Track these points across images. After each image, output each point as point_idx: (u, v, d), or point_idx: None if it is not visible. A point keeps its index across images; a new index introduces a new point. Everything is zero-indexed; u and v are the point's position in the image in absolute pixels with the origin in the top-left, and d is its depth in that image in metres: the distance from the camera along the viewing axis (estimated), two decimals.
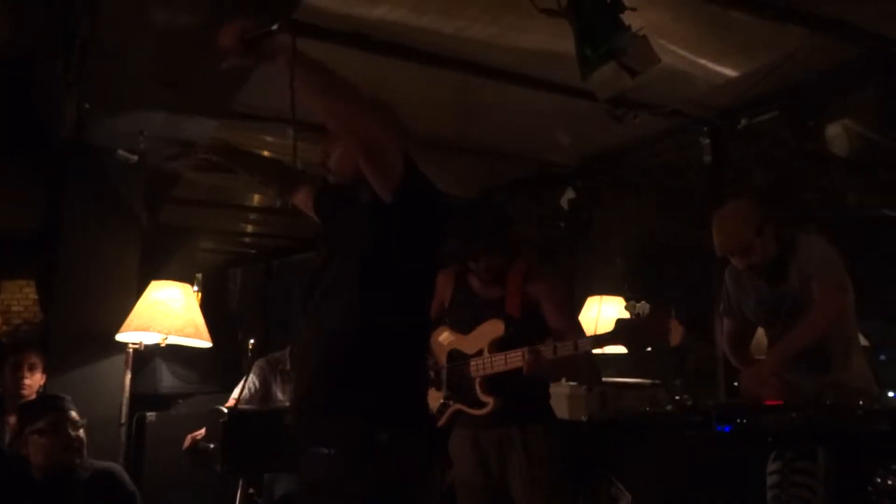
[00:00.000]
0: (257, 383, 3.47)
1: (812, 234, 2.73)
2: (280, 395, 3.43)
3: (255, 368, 3.55)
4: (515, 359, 2.50)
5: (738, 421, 2.52)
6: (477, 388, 2.60)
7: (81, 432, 2.71)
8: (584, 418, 3.08)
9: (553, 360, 2.42)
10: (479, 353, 2.62)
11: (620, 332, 2.34)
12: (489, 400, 2.58)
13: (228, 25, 1.67)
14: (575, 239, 4.58)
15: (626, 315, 2.38)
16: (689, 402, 2.87)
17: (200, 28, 2.70)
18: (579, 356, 2.44)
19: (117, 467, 2.89)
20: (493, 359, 2.57)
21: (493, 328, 2.62)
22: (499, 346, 2.59)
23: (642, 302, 2.33)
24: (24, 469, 2.63)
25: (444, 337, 2.76)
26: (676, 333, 2.29)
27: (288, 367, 3.51)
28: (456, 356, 2.69)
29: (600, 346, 2.41)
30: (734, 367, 2.99)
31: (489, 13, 2.97)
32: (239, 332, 6.47)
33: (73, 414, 2.71)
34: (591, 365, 2.69)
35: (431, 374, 2.69)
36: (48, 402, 2.78)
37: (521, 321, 2.60)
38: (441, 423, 2.64)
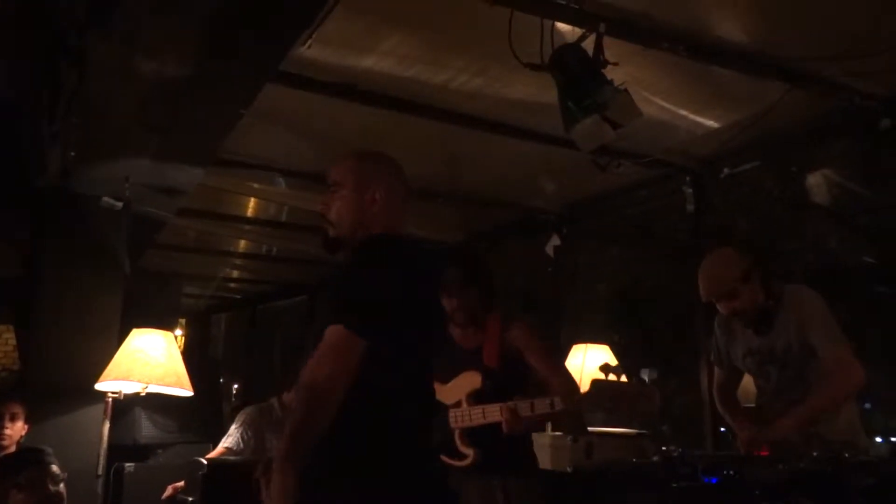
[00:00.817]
0: (250, 433, 3.41)
1: (797, 284, 2.75)
2: (276, 444, 3.38)
3: (243, 417, 3.49)
4: (493, 413, 2.50)
5: (725, 473, 2.50)
6: (457, 439, 2.58)
7: (62, 487, 2.65)
8: (568, 469, 3.04)
9: (531, 416, 2.41)
10: (458, 404, 2.61)
11: (594, 395, 2.32)
12: (469, 452, 2.56)
13: None
14: (560, 285, 4.59)
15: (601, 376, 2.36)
16: (676, 453, 2.84)
17: (187, 77, 2.73)
18: (558, 411, 2.42)
19: None
20: (472, 411, 2.56)
21: (470, 380, 2.61)
22: (476, 398, 2.58)
23: (616, 365, 2.31)
24: None
25: None
26: (655, 402, 2.27)
27: (280, 415, 3.48)
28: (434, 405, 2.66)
29: (575, 406, 2.40)
30: (722, 415, 2.98)
31: (475, 66, 3.03)
32: (222, 377, 6.39)
33: (54, 468, 2.65)
34: (575, 415, 2.68)
35: None
36: (28, 456, 2.72)
37: (498, 372, 2.60)
38: None
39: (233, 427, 3.45)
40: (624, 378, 2.29)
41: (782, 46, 2.84)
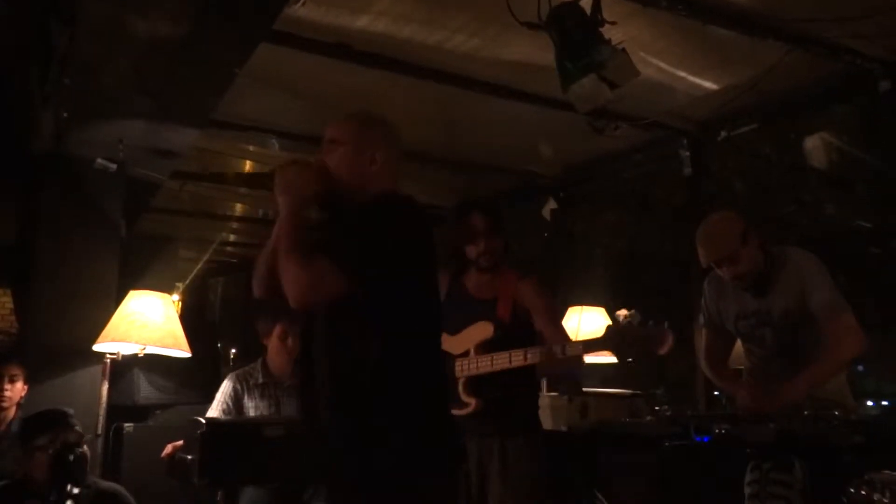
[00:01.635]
0: (230, 403, 3.42)
1: (796, 248, 2.75)
2: (252, 412, 3.40)
3: (226, 384, 3.50)
4: (502, 361, 2.51)
5: (717, 431, 2.54)
6: (460, 387, 2.60)
7: (85, 448, 2.68)
8: (564, 428, 3.08)
9: (560, 360, 2.42)
10: (465, 354, 2.62)
11: (610, 338, 2.35)
12: (471, 401, 2.57)
13: None
14: (557, 249, 4.60)
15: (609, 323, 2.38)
16: (668, 413, 2.88)
17: (180, 37, 2.70)
18: (568, 359, 2.44)
19: (120, 488, 2.86)
20: (479, 360, 2.57)
21: (481, 330, 2.62)
22: (485, 348, 2.59)
23: (632, 311, 2.33)
24: (22, 489, 2.62)
25: None
26: (665, 341, 2.29)
27: (260, 380, 3.49)
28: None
29: (589, 351, 2.41)
30: (710, 377, 3.00)
31: (471, 25, 3.00)
32: (219, 341, 6.44)
33: (77, 429, 2.69)
34: (571, 375, 2.70)
35: None
36: (50, 417, 2.74)
37: (509, 326, 2.61)
38: None
39: (217, 396, 3.47)
40: (637, 318, 2.29)
41: (783, 7, 2.81)
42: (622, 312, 2.28)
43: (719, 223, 2.70)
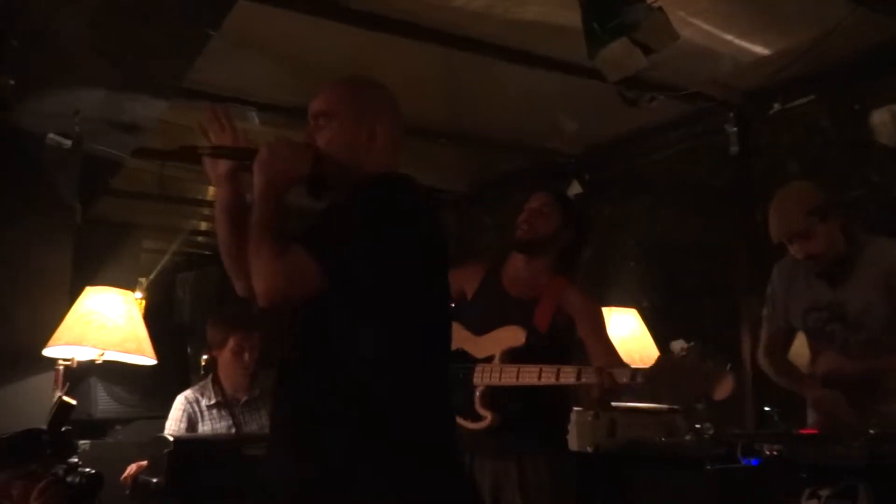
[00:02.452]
0: (183, 426, 3.46)
1: (883, 237, 2.74)
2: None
3: (177, 406, 3.51)
4: (529, 376, 2.49)
5: (768, 453, 2.53)
6: (476, 397, 2.59)
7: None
8: (589, 449, 3.08)
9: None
10: (489, 359, 2.61)
11: (661, 374, 2.32)
12: (487, 414, 2.57)
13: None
14: (588, 228, 4.59)
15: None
16: (711, 431, 2.88)
17: None
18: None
19: None
20: (504, 369, 2.55)
21: (511, 335, 2.61)
22: (513, 356, 2.58)
23: (691, 344, 2.32)
24: None
25: (453, 334, 2.74)
26: (725, 387, 2.27)
27: (213, 399, 3.50)
28: (460, 358, 2.68)
29: (634, 382, 2.39)
30: (767, 388, 3.00)
31: None
32: (189, 346, 6.44)
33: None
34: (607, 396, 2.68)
35: None
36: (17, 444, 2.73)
37: (545, 336, 2.61)
38: None
39: (168, 423, 3.50)
40: (694, 351, 2.29)
41: None
42: (678, 345, 2.28)
43: (795, 194, 2.72)
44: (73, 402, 2.68)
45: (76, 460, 2.55)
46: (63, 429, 2.55)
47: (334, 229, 1.70)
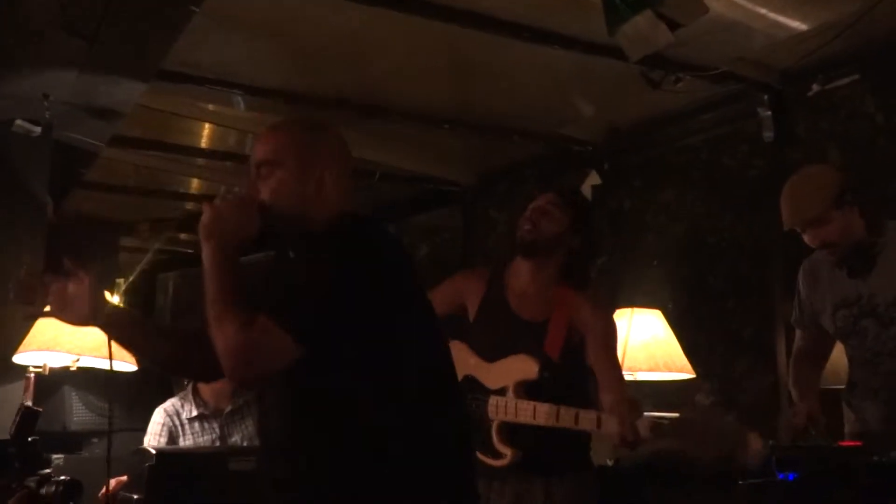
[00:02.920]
0: (162, 440, 3.48)
1: None
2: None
3: (155, 420, 3.54)
4: (546, 416, 2.53)
5: (806, 467, 2.53)
6: (494, 433, 2.63)
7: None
8: (609, 462, 3.08)
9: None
10: (502, 391, 2.65)
11: (683, 431, 2.37)
12: (507, 452, 2.61)
13: None
14: (600, 235, 4.59)
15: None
16: None
17: None
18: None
19: None
20: (519, 406, 2.60)
21: (523, 367, 2.64)
22: (527, 390, 2.62)
23: (711, 400, 2.36)
24: None
25: (460, 356, 2.75)
26: (754, 450, 2.31)
27: (194, 412, 3.53)
28: (471, 385, 2.71)
29: (655, 436, 2.43)
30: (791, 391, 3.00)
31: None
32: None
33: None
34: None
35: None
36: None
37: (558, 366, 2.63)
38: None
39: (149, 429, 3.52)
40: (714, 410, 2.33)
41: None
42: (703, 397, 2.31)
43: (809, 177, 2.74)
44: (39, 409, 2.68)
45: (48, 471, 2.55)
46: (30, 439, 2.56)
47: (299, 291, 1.69)
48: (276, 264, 1.91)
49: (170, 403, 3.57)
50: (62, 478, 2.51)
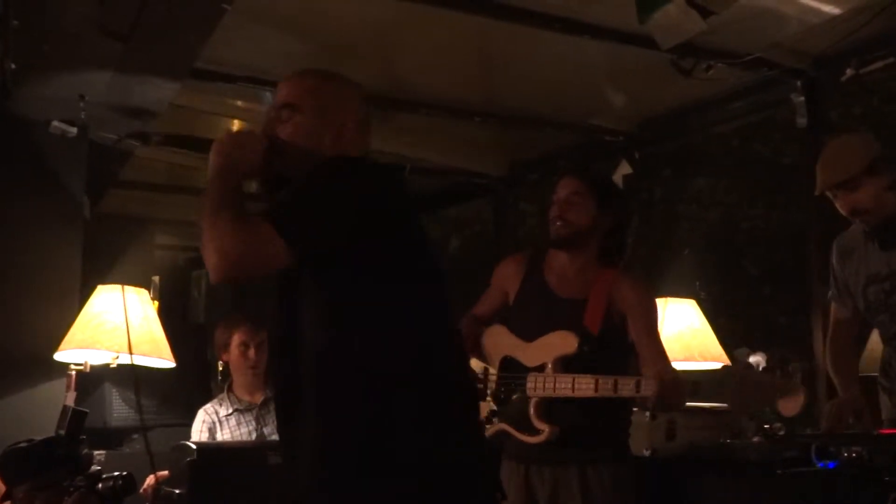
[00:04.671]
0: (205, 438, 3.56)
1: None
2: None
3: (198, 418, 3.66)
4: (585, 387, 2.53)
5: (846, 455, 2.51)
6: (531, 410, 2.63)
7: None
8: (646, 452, 3.08)
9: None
10: (541, 368, 2.65)
11: (726, 386, 2.35)
12: (544, 428, 2.60)
13: None
14: (632, 225, 4.57)
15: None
16: (782, 432, 2.86)
17: None
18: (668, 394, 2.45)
19: None
20: (559, 380, 2.59)
21: (562, 342, 2.64)
22: (566, 365, 2.61)
23: (760, 355, 2.34)
24: None
25: (499, 339, 2.79)
26: (795, 402, 2.28)
27: (231, 408, 3.64)
28: (511, 365, 2.73)
29: (696, 398, 2.43)
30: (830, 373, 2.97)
31: None
32: (208, 350, 6.52)
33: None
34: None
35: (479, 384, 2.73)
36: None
37: (598, 340, 2.63)
38: None
39: (192, 428, 3.63)
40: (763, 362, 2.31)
41: None
42: (742, 353, 2.30)
43: (844, 142, 2.78)
44: (86, 410, 2.73)
45: (98, 468, 2.60)
46: (79, 438, 2.61)
47: (295, 203, 1.73)
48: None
49: (209, 405, 3.71)
50: (116, 473, 2.56)
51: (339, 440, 1.72)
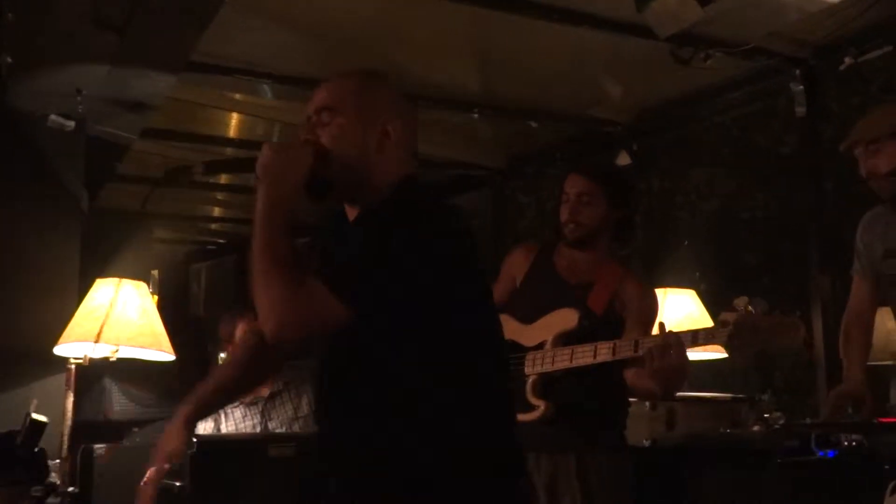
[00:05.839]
0: (208, 429, 3.54)
1: None
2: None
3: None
4: (584, 355, 2.53)
5: (845, 444, 2.52)
6: (528, 387, 2.63)
7: None
8: (646, 443, 3.08)
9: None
10: (541, 346, 2.65)
11: (724, 330, 2.35)
12: (539, 404, 2.60)
13: None
14: (633, 212, 4.58)
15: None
16: (782, 421, 2.87)
17: None
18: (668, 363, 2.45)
19: None
20: (556, 353, 2.59)
21: (563, 318, 2.64)
22: (565, 340, 2.61)
23: (755, 299, 2.35)
24: None
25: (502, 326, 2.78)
26: (795, 334, 2.28)
27: (237, 402, 3.58)
28: (511, 349, 2.72)
29: (696, 345, 2.43)
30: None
31: None
32: (208, 343, 6.53)
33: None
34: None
35: None
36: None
37: (600, 319, 2.64)
38: None
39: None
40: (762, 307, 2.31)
41: None
42: (742, 301, 2.30)
43: (882, 107, 2.80)
44: (46, 420, 2.72)
45: (54, 481, 2.59)
46: (36, 449, 2.59)
47: (354, 257, 1.64)
48: (336, 224, 1.83)
49: None
50: (70, 489, 2.54)
51: (401, 440, 1.69)
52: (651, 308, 2.75)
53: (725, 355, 3.76)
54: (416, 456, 1.66)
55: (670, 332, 2.44)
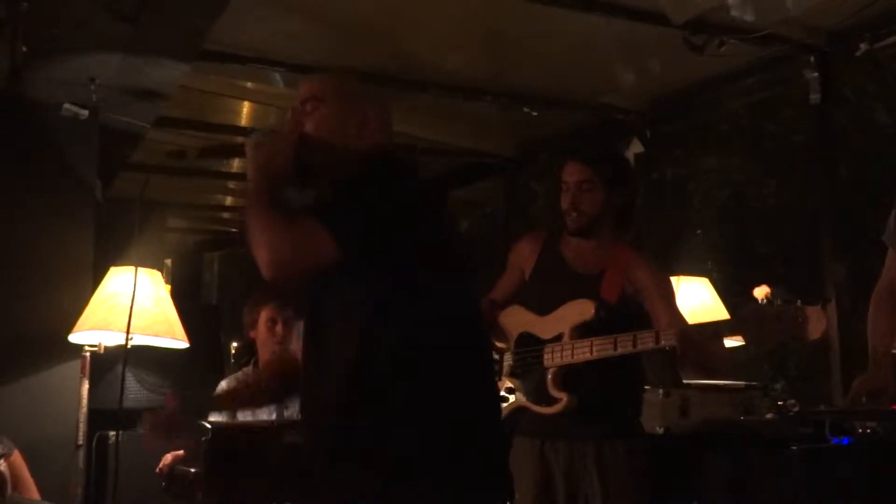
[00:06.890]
0: (224, 417, 3.54)
1: None
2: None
3: (223, 387, 3.62)
4: (604, 347, 2.54)
5: (861, 431, 2.51)
6: (549, 380, 2.64)
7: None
8: (659, 430, 3.08)
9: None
10: (558, 338, 2.66)
11: (744, 320, 2.35)
12: (561, 396, 2.61)
13: None
14: (644, 203, 4.57)
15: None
16: (796, 409, 2.86)
17: None
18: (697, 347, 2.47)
19: None
20: (576, 346, 2.60)
21: (579, 309, 2.65)
22: (583, 332, 2.62)
23: (774, 288, 2.34)
24: None
25: (516, 317, 2.80)
26: (818, 323, 2.27)
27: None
28: (527, 341, 2.74)
29: (719, 336, 2.43)
30: (858, 360, 2.93)
31: None
32: (220, 332, 6.56)
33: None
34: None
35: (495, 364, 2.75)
36: None
37: (615, 309, 2.64)
38: None
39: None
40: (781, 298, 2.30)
41: None
42: (762, 291, 2.28)
43: None
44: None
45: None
46: None
47: (338, 201, 1.77)
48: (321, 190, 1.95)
49: (232, 378, 3.63)
50: None
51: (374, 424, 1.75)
52: (664, 280, 2.76)
53: (741, 343, 3.76)
54: (386, 409, 1.74)
55: (691, 328, 2.45)
